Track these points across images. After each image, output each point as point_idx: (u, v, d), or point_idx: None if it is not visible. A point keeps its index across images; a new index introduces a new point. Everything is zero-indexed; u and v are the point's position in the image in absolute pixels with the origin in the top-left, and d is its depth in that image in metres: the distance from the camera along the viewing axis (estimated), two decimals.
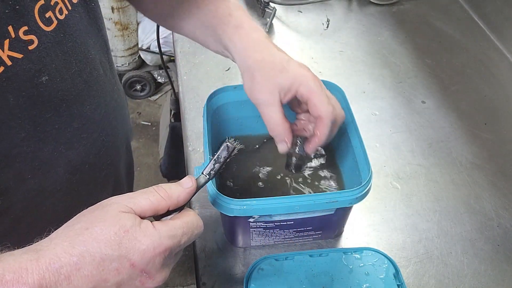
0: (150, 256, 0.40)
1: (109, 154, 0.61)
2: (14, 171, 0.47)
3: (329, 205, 0.55)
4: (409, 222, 0.70)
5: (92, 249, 0.38)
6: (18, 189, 0.49)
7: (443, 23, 1.09)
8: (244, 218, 0.58)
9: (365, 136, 0.62)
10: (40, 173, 0.50)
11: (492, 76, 0.96)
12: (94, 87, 0.55)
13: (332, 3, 1.13)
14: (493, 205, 0.72)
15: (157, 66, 2.19)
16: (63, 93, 0.49)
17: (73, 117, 0.52)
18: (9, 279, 0.35)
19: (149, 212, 0.43)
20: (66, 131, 0.51)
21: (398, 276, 0.60)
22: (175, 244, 0.42)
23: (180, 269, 1.70)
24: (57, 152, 0.51)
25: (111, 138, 0.60)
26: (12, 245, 0.39)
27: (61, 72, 0.49)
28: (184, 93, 0.89)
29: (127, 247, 0.39)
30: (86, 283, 0.38)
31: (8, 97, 0.43)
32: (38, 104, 0.47)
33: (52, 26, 0.46)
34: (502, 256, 0.66)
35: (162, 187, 0.44)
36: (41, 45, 0.45)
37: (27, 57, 0.44)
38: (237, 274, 0.63)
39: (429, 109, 0.88)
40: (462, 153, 0.80)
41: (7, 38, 0.42)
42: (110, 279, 0.39)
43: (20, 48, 0.43)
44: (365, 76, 0.95)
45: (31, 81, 0.45)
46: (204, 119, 0.63)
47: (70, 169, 0.54)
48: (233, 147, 0.48)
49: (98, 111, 0.56)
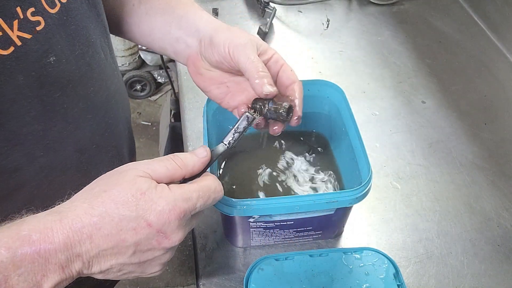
0: (166, 217, 0.42)
1: (114, 136, 0.63)
2: (25, 149, 0.49)
3: (329, 205, 0.55)
4: (409, 222, 0.70)
5: (111, 210, 0.40)
6: (30, 167, 0.50)
7: (443, 23, 1.09)
8: (244, 218, 0.58)
9: (365, 136, 0.62)
10: (51, 152, 0.52)
11: (492, 76, 0.96)
12: (96, 70, 0.56)
13: (332, 3, 1.13)
14: (493, 205, 0.72)
15: (157, 66, 2.19)
16: (69, 74, 0.51)
17: (78, 98, 0.54)
18: (35, 239, 0.38)
19: (165, 179, 0.44)
20: (73, 111, 0.53)
21: (398, 276, 0.60)
22: (190, 207, 0.43)
23: (180, 269, 1.70)
24: (66, 131, 0.53)
25: (113, 121, 0.62)
26: None
27: (66, 54, 0.50)
28: (184, 93, 0.89)
29: (144, 208, 0.41)
30: (106, 242, 0.40)
31: (18, 77, 0.45)
32: (46, 84, 0.48)
33: (56, 9, 0.48)
34: (502, 256, 0.66)
35: (178, 156, 0.46)
36: (47, 27, 0.47)
37: (35, 38, 0.45)
38: (237, 274, 0.63)
39: (429, 109, 0.88)
40: (462, 153, 0.80)
41: (16, 19, 0.43)
42: (128, 239, 0.41)
43: (29, 29, 0.45)
44: (365, 76, 0.95)
45: (39, 62, 0.47)
46: (204, 119, 0.63)
47: (78, 147, 0.56)
48: (252, 117, 0.51)
49: (100, 93, 0.57)
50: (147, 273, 0.46)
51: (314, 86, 0.68)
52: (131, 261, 0.43)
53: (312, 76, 0.94)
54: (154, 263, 0.45)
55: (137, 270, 0.44)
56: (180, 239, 0.44)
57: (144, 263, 0.44)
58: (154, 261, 0.44)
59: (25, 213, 0.41)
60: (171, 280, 1.68)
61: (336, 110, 0.68)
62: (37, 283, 0.38)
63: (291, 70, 0.57)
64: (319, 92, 0.69)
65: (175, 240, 0.43)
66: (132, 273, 0.45)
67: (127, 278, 0.46)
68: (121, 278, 0.45)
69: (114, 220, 0.40)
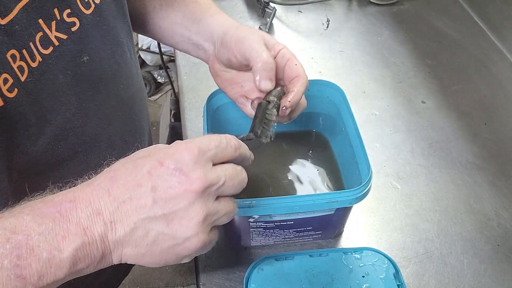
0: (179, 154, 0.40)
1: (138, 132, 0.64)
2: (68, 144, 0.50)
3: (329, 205, 0.55)
4: (409, 222, 0.70)
5: (127, 163, 0.41)
6: (71, 162, 0.52)
7: (443, 23, 1.09)
8: (244, 218, 0.58)
9: (365, 136, 0.62)
10: (88, 147, 0.53)
11: (492, 76, 0.96)
12: (124, 68, 0.58)
13: (332, 3, 1.13)
14: (493, 205, 0.72)
15: (157, 66, 2.19)
16: (100, 72, 0.53)
17: (109, 96, 0.55)
18: (57, 200, 0.38)
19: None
20: (105, 108, 0.55)
21: (398, 276, 0.60)
22: (204, 147, 0.41)
23: (180, 269, 1.70)
24: (100, 128, 0.54)
25: (138, 117, 0.63)
26: None
27: (99, 53, 0.52)
28: (184, 93, 0.89)
29: (157, 152, 0.41)
30: (123, 192, 0.39)
31: (58, 75, 0.47)
32: (80, 82, 0.50)
33: (90, 10, 0.50)
34: (502, 256, 0.66)
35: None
36: (82, 27, 0.49)
37: (70, 38, 0.48)
38: (237, 274, 0.63)
39: (429, 109, 0.88)
40: (462, 153, 0.80)
41: (54, 20, 0.45)
42: (144, 183, 0.39)
43: (65, 30, 0.47)
44: (365, 76, 0.95)
45: (74, 61, 0.49)
46: (204, 119, 0.63)
47: (110, 144, 0.57)
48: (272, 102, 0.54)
49: (127, 91, 0.59)
50: (180, 237, 0.40)
51: (314, 86, 0.68)
52: (155, 214, 0.39)
53: (312, 76, 0.93)
54: (184, 220, 0.39)
55: (166, 231, 0.39)
56: (200, 179, 0.39)
57: (171, 218, 0.39)
58: (182, 215, 0.39)
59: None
60: (171, 280, 1.68)
61: (336, 110, 0.68)
62: (58, 245, 0.36)
63: (296, 64, 0.56)
64: (319, 92, 0.69)
65: (195, 178, 0.39)
66: (163, 241, 0.40)
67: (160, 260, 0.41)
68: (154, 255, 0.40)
69: (128, 169, 0.40)
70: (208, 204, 0.40)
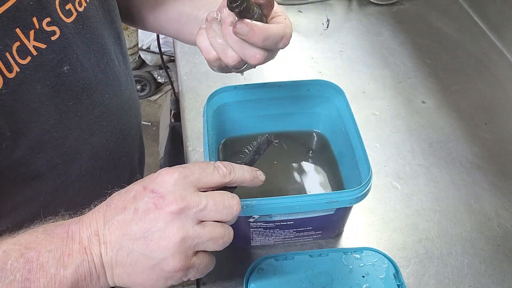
0: (162, 178, 0.42)
1: (126, 142, 0.63)
2: (47, 156, 0.50)
3: (329, 205, 0.55)
4: (409, 222, 0.70)
5: (122, 191, 0.44)
6: (49, 174, 0.52)
7: (443, 23, 1.09)
8: (244, 218, 0.58)
9: (365, 136, 0.62)
10: (68, 159, 0.53)
11: (492, 76, 0.96)
12: (111, 77, 0.57)
13: (332, 3, 1.13)
14: (493, 205, 0.72)
15: (157, 66, 2.19)
16: (84, 82, 0.52)
17: (94, 106, 0.54)
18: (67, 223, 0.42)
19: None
20: (88, 118, 0.54)
21: (398, 276, 0.60)
22: (187, 171, 0.43)
23: None
24: (82, 139, 0.54)
25: (126, 127, 0.63)
26: None
27: (82, 62, 0.51)
28: (184, 93, 0.89)
29: (146, 179, 0.43)
30: (113, 215, 0.41)
31: (36, 86, 0.46)
32: (61, 92, 0.49)
33: (72, 18, 0.49)
34: (502, 256, 0.66)
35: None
36: (63, 36, 0.48)
37: (50, 48, 0.46)
38: (237, 274, 0.63)
39: (429, 109, 0.88)
40: (462, 153, 0.80)
41: (32, 29, 0.44)
42: (129, 206, 0.41)
43: (44, 39, 0.46)
44: (365, 76, 0.95)
45: (53, 71, 0.47)
46: (204, 119, 0.63)
47: (93, 155, 0.56)
48: (272, 140, 0.53)
49: (115, 100, 0.58)
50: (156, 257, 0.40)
51: (314, 86, 0.69)
52: (135, 235, 0.40)
53: (312, 76, 0.94)
54: (161, 241, 0.40)
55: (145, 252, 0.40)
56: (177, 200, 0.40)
57: (150, 238, 0.40)
58: (160, 236, 0.40)
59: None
60: None
61: (336, 110, 0.68)
62: (63, 262, 0.39)
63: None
64: (319, 92, 0.69)
65: (171, 199, 0.40)
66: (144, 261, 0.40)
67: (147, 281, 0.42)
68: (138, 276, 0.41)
69: (120, 194, 0.43)
70: (186, 226, 0.41)
